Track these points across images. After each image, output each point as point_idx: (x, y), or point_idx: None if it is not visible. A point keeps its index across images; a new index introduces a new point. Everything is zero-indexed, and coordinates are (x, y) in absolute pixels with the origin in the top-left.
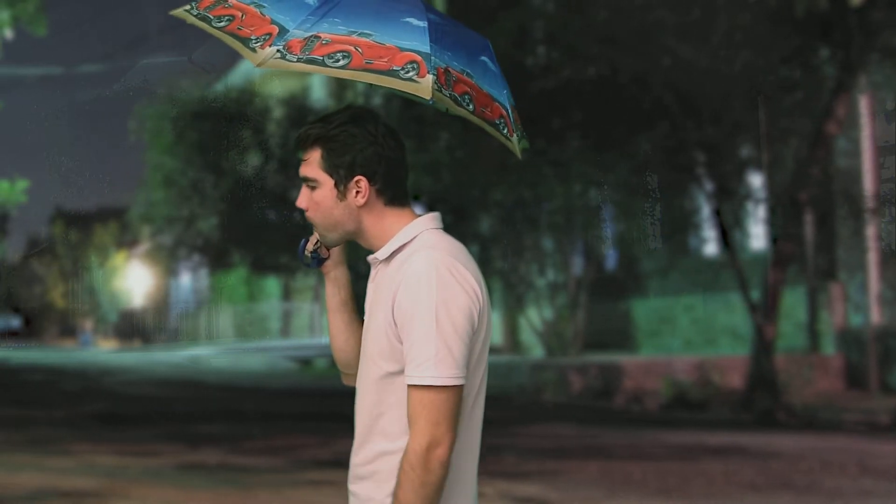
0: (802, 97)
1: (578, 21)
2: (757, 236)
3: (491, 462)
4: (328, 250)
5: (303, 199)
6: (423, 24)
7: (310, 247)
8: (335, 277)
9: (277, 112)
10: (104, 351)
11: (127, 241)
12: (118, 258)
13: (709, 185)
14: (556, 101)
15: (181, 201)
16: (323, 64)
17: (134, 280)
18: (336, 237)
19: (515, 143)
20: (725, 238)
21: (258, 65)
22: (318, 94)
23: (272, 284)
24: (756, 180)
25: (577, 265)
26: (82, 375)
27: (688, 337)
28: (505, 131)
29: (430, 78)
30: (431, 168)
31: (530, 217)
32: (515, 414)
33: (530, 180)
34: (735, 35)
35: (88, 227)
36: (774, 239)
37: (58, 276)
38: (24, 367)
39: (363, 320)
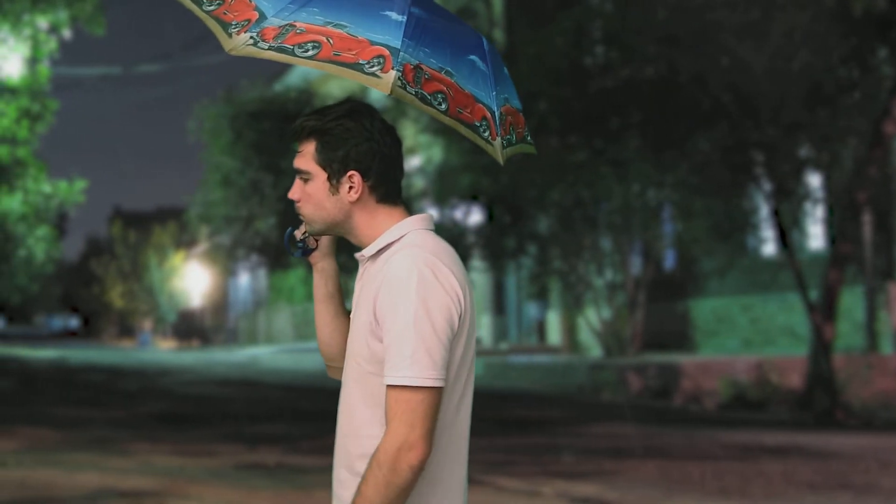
0: (860, 97)
1: (637, 21)
2: (815, 236)
3: (549, 462)
4: (316, 241)
5: (295, 191)
6: (402, 18)
7: (298, 235)
8: (322, 269)
9: None
10: (163, 351)
11: (185, 241)
12: (177, 258)
13: (767, 185)
14: (614, 100)
15: (240, 201)
16: (293, 53)
17: (192, 280)
18: (326, 231)
19: (498, 147)
20: (784, 238)
21: (229, 50)
22: (377, 93)
23: None
24: (815, 180)
25: (636, 265)
26: (141, 375)
27: (746, 337)
28: (486, 134)
29: (392, 74)
30: (489, 169)
31: (589, 217)
32: (574, 414)
33: (588, 180)
34: (793, 35)
35: (147, 227)
36: (833, 239)
37: (116, 276)
38: (83, 367)
39: (350, 313)
